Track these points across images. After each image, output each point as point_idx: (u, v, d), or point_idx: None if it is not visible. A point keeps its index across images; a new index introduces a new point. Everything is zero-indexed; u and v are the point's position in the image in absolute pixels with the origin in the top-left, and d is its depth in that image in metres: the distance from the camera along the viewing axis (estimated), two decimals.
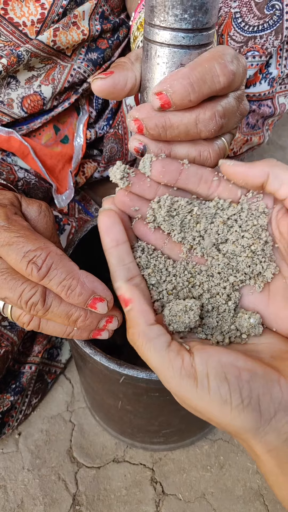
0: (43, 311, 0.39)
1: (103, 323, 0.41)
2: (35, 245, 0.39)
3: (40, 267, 0.38)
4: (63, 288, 0.38)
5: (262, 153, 1.23)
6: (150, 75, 0.39)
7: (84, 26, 0.67)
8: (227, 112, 0.37)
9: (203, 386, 0.31)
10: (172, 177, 0.37)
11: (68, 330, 0.42)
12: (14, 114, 0.70)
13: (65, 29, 0.64)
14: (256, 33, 0.68)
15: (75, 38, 0.66)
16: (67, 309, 0.39)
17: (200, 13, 0.34)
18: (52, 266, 0.38)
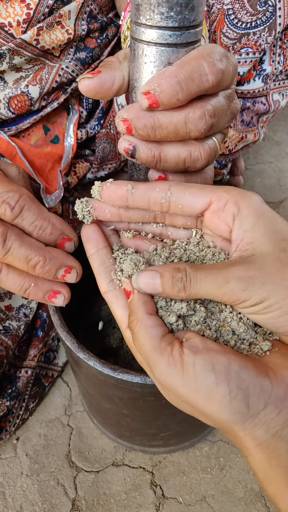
0: (3, 252, 0.40)
1: (61, 273, 0.43)
2: (8, 187, 0.41)
3: (13, 207, 0.40)
4: (35, 228, 0.42)
5: (257, 149, 1.23)
6: (138, 74, 0.38)
7: (69, 25, 0.66)
8: (217, 111, 0.36)
9: (189, 374, 0.31)
10: (121, 202, 0.38)
11: (26, 285, 0.43)
12: (1, 114, 0.69)
13: (48, 28, 0.63)
14: (249, 30, 0.67)
15: (59, 37, 0.65)
16: (27, 252, 0.41)
17: (187, 11, 0.33)
18: (25, 207, 0.41)
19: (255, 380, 0.30)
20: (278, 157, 1.21)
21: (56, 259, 0.42)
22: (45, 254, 0.41)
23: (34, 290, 0.43)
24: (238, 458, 0.68)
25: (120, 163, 0.84)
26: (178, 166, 0.37)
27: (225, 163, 0.91)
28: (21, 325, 0.67)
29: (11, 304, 0.67)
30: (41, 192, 0.69)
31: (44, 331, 0.71)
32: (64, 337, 0.49)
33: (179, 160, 0.37)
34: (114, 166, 0.83)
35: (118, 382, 0.47)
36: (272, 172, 1.16)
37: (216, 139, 0.39)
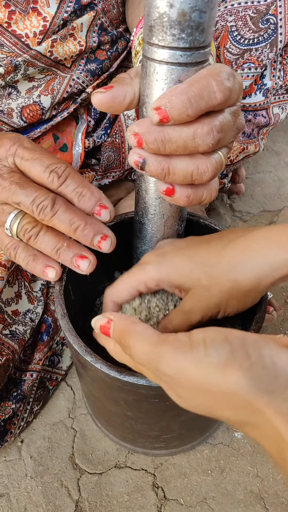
0: (50, 214, 0.46)
1: (97, 239, 0.48)
2: (55, 160, 0.48)
3: (60, 175, 0.47)
4: (76, 194, 0.47)
5: (257, 159, 1.25)
6: (149, 90, 0.40)
7: (81, 37, 0.68)
8: (224, 127, 0.38)
9: (199, 351, 0.28)
10: None
11: (59, 245, 0.48)
12: (13, 123, 0.71)
13: (62, 40, 0.66)
14: (252, 46, 0.69)
15: (72, 49, 0.68)
16: (71, 216, 0.46)
17: (197, 33, 0.35)
18: (69, 176, 0.47)
19: (277, 350, 0.27)
20: (277, 167, 1.23)
21: (94, 225, 0.47)
22: (86, 219, 0.47)
23: (65, 251, 0.48)
24: (238, 460, 0.70)
25: (124, 172, 0.86)
26: (185, 179, 0.39)
27: (226, 172, 0.93)
28: (27, 329, 0.68)
29: (17, 309, 0.69)
30: None
31: (49, 336, 0.73)
32: (72, 340, 0.51)
33: (186, 173, 0.39)
34: (118, 174, 0.85)
35: (124, 385, 0.49)
36: (271, 181, 1.19)
37: (222, 153, 0.41)
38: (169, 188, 0.41)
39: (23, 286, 0.70)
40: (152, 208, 0.49)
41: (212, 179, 0.41)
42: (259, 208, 1.11)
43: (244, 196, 1.14)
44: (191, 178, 0.39)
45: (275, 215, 1.10)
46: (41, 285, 0.74)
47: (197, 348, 0.28)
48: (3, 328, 0.65)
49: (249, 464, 0.69)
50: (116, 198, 0.92)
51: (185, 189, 0.42)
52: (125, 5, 0.79)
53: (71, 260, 0.49)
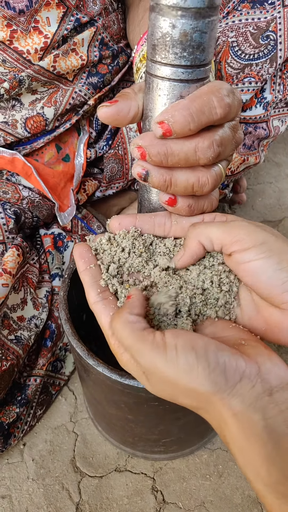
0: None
1: None
2: None
3: None
4: None
5: (258, 170, 1.27)
6: (152, 105, 0.42)
7: (83, 52, 0.71)
8: (224, 141, 0.40)
9: (171, 355, 0.35)
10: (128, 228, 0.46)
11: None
12: (18, 134, 0.73)
13: (64, 56, 0.68)
14: (252, 61, 0.71)
15: (74, 63, 0.70)
16: None
17: (198, 52, 0.37)
18: None
19: (230, 358, 0.35)
20: (278, 178, 1.25)
21: None
22: None
23: None
24: (236, 465, 0.71)
25: (127, 182, 0.88)
26: (187, 190, 0.41)
27: (227, 183, 0.95)
28: (31, 335, 0.70)
29: (23, 315, 0.70)
30: (56, 211, 0.73)
31: (53, 341, 0.74)
32: (75, 344, 0.53)
33: (188, 185, 0.41)
34: (121, 185, 0.87)
35: (125, 388, 0.50)
36: (272, 192, 1.21)
37: (222, 166, 0.43)
38: (171, 198, 0.43)
39: (28, 293, 0.72)
40: None
41: (212, 191, 0.42)
42: (259, 219, 1.13)
43: (245, 206, 1.16)
44: (192, 189, 0.41)
45: (275, 226, 1.12)
46: (46, 291, 0.75)
47: (171, 351, 0.35)
48: (8, 333, 0.67)
49: None
50: (119, 207, 0.94)
51: (187, 199, 0.43)
52: (126, 23, 0.82)
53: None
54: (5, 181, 0.78)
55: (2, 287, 0.63)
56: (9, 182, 0.78)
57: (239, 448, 0.34)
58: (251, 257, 0.39)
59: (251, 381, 0.34)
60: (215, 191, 0.46)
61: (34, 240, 0.83)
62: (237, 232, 0.40)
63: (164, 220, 0.46)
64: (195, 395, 0.35)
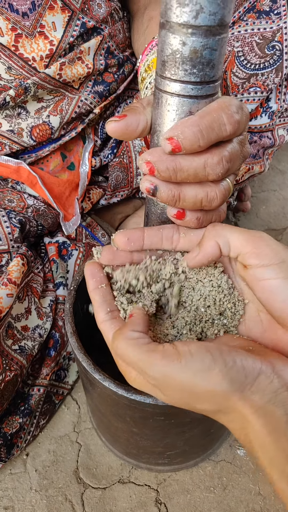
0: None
1: None
2: None
3: None
4: None
5: (262, 178, 1.27)
6: (160, 120, 0.42)
7: (89, 60, 0.71)
8: (233, 156, 0.40)
9: (186, 359, 0.35)
10: (138, 244, 0.45)
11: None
12: (23, 142, 0.73)
13: (70, 64, 0.68)
14: (258, 71, 0.71)
15: (80, 71, 0.70)
16: None
17: (208, 68, 0.37)
18: None
19: (246, 357, 0.35)
20: (282, 186, 1.25)
21: None
22: None
23: None
24: (240, 478, 0.71)
25: (132, 190, 0.87)
26: (195, 205, 0.41)
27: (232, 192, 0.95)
28: (35, 345, 0.70)
29: (27, 324, 0.70)
30: (61, 220, 0.73)
31: (56, 351, 0.74)
32: (81, 358, 0.52)
33: (196, 200, 0.41)
34: (126, 193, 0.87)
35: (131, 402, 0.50)
36: (276, 200, 1.20)
37: (230, 180, 0.43)
38: (180, 212, 0.43)
39: (33, 302, 0.72)
40: None
41: (221, 205, 0.42)
42: (263, 227, 1.13)
43: (249, 214, 1.16)
44: (201, 204, 0.41)
45: (279, 234, 1.11)
46: (50, 301, 0.75)
47: (185, 357, 0.35)
48: (12, 343, 0.67)
49: (251, 482, 0.70)
50: (123, 215, 0.94)
51: (195, 212, 0.43)
52: (131, 32, 0.82)
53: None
54: (10, 190, 0.78)
55: (7, 297, 0.63)
56: (14, 191, 0.78)
57: (262, 445, 0.33)
58: (270, 275, 0.38)
59: (268, 377, 0.34)
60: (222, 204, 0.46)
61: (38, 249, 0.83)
62: (259, 243, 0.39)
63: (172, 233, 0.46)
64: (214, 397, 0.34)
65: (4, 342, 0.66)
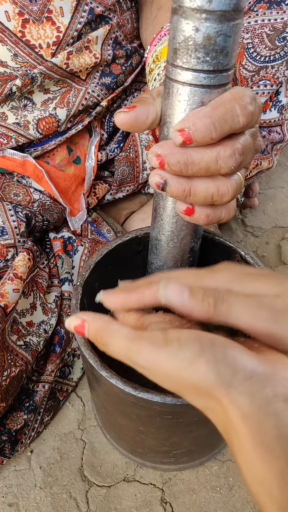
0: None
1: None
2: None
3: None
4: None
5: (270, 175, 1.25)
6: (171, 111, 0.40)
7: (96, 50, 0.69)
8: (245, 149, 0.39)
9: (173, 347, 0.31)
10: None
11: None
12: (29, 135, 0.72)
13: (78, 53, 0.67)
14: (268, 63, 0.70)
15: (87, 61, 0.69)
16: None
17: (221, 56, 0.36)
18: None
19: (241, 353, 0.31)
20: None
21: None
22: None
23: None
24: None
25: (138, 186, 0.86)
26: (206, 200, 0.40)
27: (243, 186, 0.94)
28: (40, 340, 0.69)
29: (32, 320, 0.69)
30: (67, 215, 0.72)
31: (62, 347, 0.73)
32: (88, 355, 0.51)
33: (207, 194, 0.39)
34: (132, 188, 0.85)
35: (138, 401, 0.49)
36: (284, 197, 1.19)
37: (241, 174, 0.42)
38: (189, 208, 0.42)
39: (38, 298, 0.71)
40: (169, 225, 0.50)
41: (232, 200, 0.41)
42: (271, 224, 1.12)
43: (256, 211, 1.14)
44: (212, 199, 0.40)
45: (286, 231, 1.10)
46: (55, 296, 0.74)
47: (172, 344, 0.32)
48: (17, 339, 0.66)
49: None
50: (129, 211, 0.93)
51: (205, 209, 0.42)
52: (139, 22, 0.80)
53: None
54: (16, 183, 0.77)
55: (13, 292, 0.62)
56: (20, 185, 0.77)
57: (247, 459, 0.29)
58: None
59: (262, 382, 0.29)
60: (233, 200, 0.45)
61: (44, 244, 0.82)
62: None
63: None
64: (199, 390, 0.31)
65: (9, 337, 0.65)
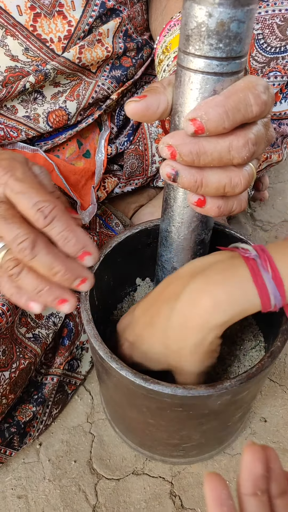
0: (30, 256, 0.44)
1: (77, 282, 0.47)
2: (44, 197, 0.45)
3: (46, 215, 0.44)
4: (61, 238, 0.45)
5: (279, 168, 1.24)
6: (182, 99, 0.40)
7: (108, 43, 0.69)
8: (258, 139, 0.38)
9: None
10: None
11: (40, 287, 0.46)
12: (39, 128, 0.72)
13: (90, 46, 0.66)
14: (278, 54, 0.69)
15: (99, 55, 0.68)
16: (51, 261, 0.44)
17: (235, 43, 0.35)
18: (56, 218, 0.44)
19: None
20: None
21: (75, 270, 0.46)
22: (66, 264, 0.45)
23: (46, 293, 0.46)
24: None
25: (147, 179, 0.86)
26: (218, 191, 0.39)
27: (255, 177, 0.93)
28: (49, 333, 0.69)
29: (41, 312, 0.69)
30: (77, 209, 0.71)
31: (70, 340, 0.73)
32: (97, 346, 0.51)
33: (219, 185, 0.39)
34: (141, 182, 0.85)
35: (149, 392, 0.49)
36: None
37: (253, 165, 0.41)
38: (200, 199, 0.41)
39: None
40: (180, 216, 0.49)
41: (244, 191, 0.41)
42: (280, 218, 1.11)
43: (265, 205, 1.14)
44: (224, 190, 0.39)
45: None
46: None
47: None
48: (26, 331, 0.66)
49: None
50: (137, 205, 0.93)
51: (216, 200, 0.41)
52: (148, 12, 0.79)
53: (52, 302, 0.47)
54: None
55: None
56: None
57: None
58: None
59: None
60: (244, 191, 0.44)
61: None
62: None
63: None
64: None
65: (18, 330, 0.65)
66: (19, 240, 0.44)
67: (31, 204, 0.44)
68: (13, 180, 0.46)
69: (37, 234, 0.45)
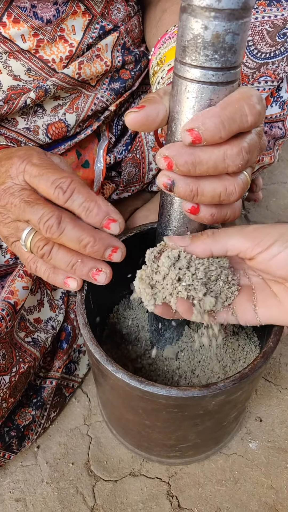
0: (58, 233, 0.46)
1: (108, 252, 0.48)
2: (61, 174, 0.47)
3: (65, 190, 0.46)
4: (83, 209, 0.46)
5: (272, 170, 1.26)
6: (179, 108, 0.41)
7: (107, 57, 0.70)
8: (252, 148, 0.39)
9: None
10: None
11: (73, 261, 0.48)
12: (39, 140, 0.72)
13: (89, 62, 0.67)
14: (268, 60, 0.70)
15: (98, 69, 0.69)
16: (79, 233, 0.46)
17: (230, 54, 0.36)
18: (75, 191, 0.46)
19: None
20: None
21: (104, 240, 0.47)
22: (94, 235, 0.47)
23: (80, 266, 0.49)
24: (252, 471, 0.70)
25: (143, 185, 0.87)
26: (213, 199, 0.41)
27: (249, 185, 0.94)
28: (48, 337, 0.69)
29: (39, 316, 0.70)
30: None
31: (68, 343, 0.74)
32: (93, 350, 0.52)
33: (215, 194, 0.40)
34: (137, 188, 0.86)
35: (144, 394, 0.49)
36: (286, 192, 1.19)
37: (247, 173, 0.42)
38: (194, 207, 0.43)
39: (45, 294, 0.71)
40: (176, 221, 0.50)
41: (239, 199, 0.42)
42: (273, 219, 1.12)
43: (259, 206, 1.15)
44: (219, 199, 0.40)
45: None
46: (61, 293, 0.75)
47: None
48: (25, 335, 0.66)
49: (264, 475, 0.70)
50: (132, 208, 0.93)
51: (210, 208, 0.43)
52: (143, 23, 0.80)
53: (87, 274, 0.49)
54: None
55: (23, 290, 0.62)
56: None
57: None
58: (276, 250, 0.41)
59: None
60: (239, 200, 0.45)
61: None
62: (254, 234, 0.42)
63: None
64: None
65: (17, 334, 0.65)
66: (44, 219, 0.45)
67: (49, 183, 0.46)
68: (30, 165, 0.48)
69: (61, 211, 0.46)
